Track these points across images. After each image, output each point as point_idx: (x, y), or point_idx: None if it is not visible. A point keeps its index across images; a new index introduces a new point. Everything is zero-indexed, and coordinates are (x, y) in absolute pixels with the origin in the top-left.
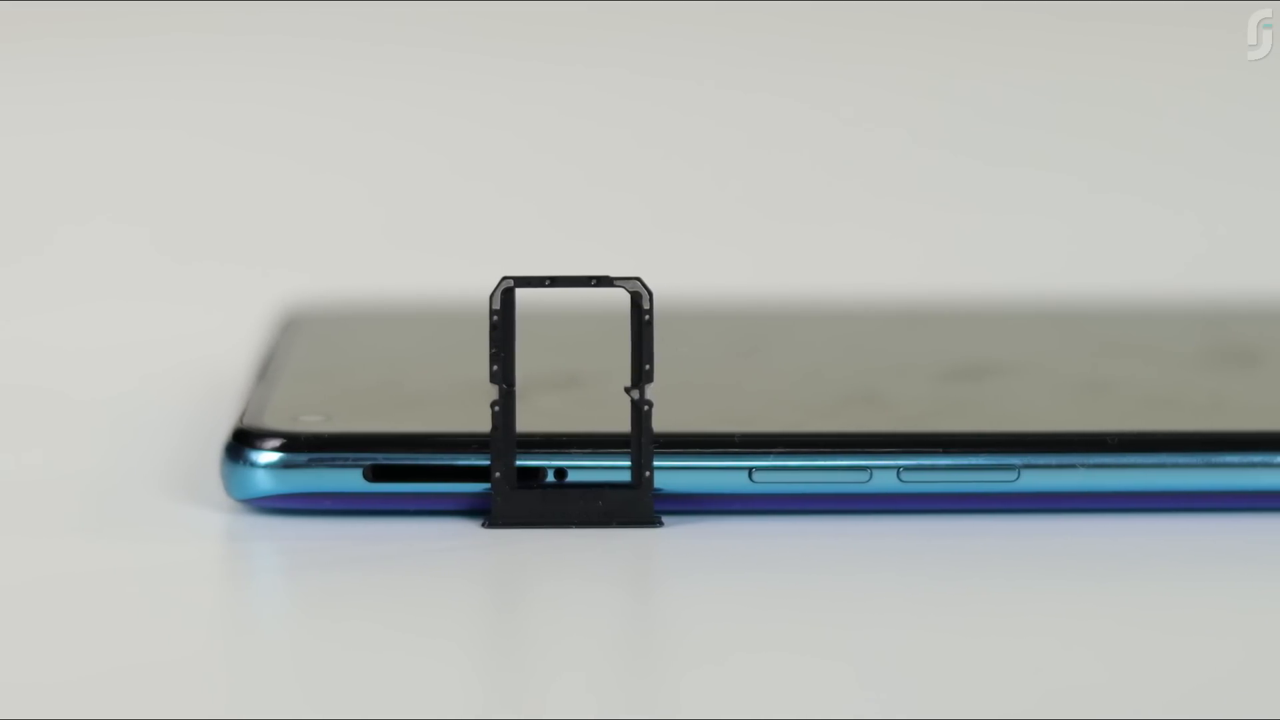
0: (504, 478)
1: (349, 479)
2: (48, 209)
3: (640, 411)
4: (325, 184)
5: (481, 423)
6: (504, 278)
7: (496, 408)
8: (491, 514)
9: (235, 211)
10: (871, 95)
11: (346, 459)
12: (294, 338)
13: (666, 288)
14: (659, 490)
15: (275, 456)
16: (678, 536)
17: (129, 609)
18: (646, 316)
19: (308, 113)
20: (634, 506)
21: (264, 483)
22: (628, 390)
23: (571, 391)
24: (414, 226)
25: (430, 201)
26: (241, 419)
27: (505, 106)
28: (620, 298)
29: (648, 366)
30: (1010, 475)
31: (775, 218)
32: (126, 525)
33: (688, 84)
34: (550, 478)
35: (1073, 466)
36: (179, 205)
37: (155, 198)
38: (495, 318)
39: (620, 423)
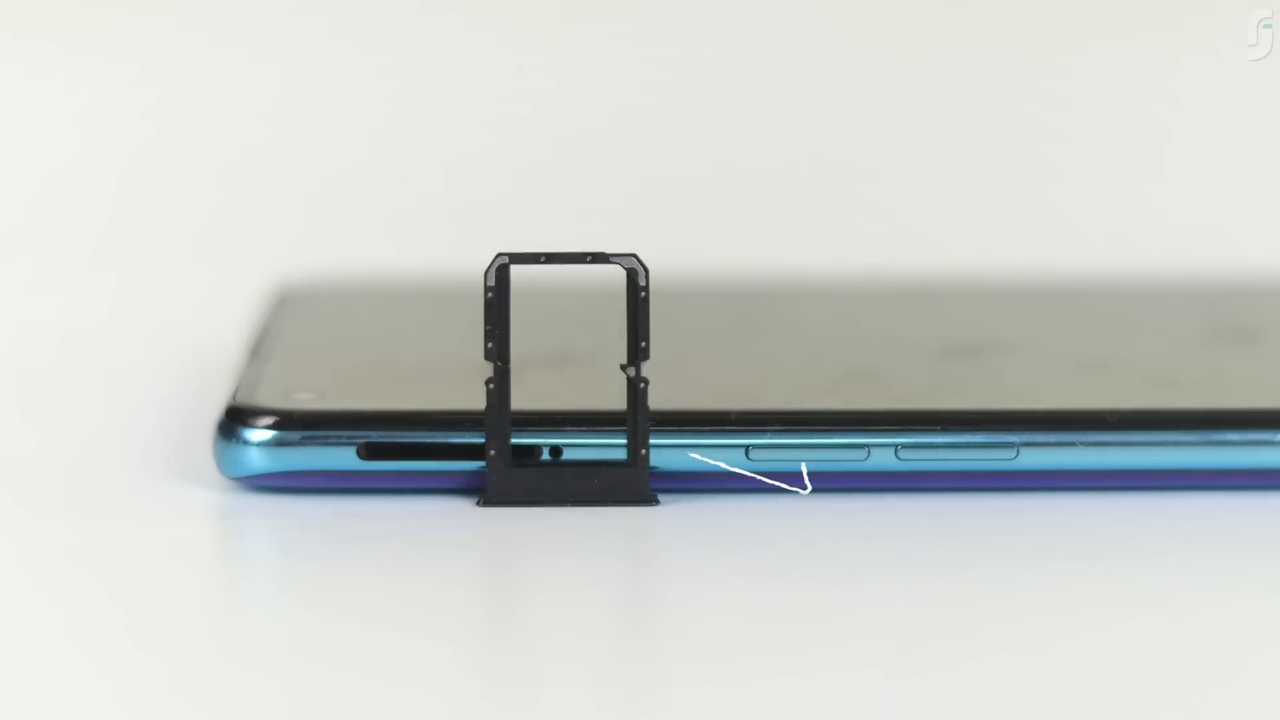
0: (499, 456)
1: (343, 457)
2: (38, 186)
3: (636, 389)
4: (319, 160)
5: (476, 400)
6: (499, 254)
7: (491, 385)
8: (486, 492)
9: (228, 187)
10: (877, 66)
11: (340, 437)
12: (287, 315)
13: (663, 264)
14: (655, 468)
15: (268, 434)
16: (674, 515)
17: (121, 587)
18: (643, 293)
19: (305, 88)
20: (630, 485)
21: (257, 461)
22: (623, 368)
23: (567, 369)
24: (409, 203)
25: (425, 178)
26: (234, 396)
27: (503, 81)
28: (616, 274)
29: (644, 344)
30: (1009, 453)
31: (773, 194)
32: (119, 504)
33: (690, 58)
34: (546, 456)
35: (1072, 444)
36: (171, 181)
37: (147, 173)
38: (490, 294)
39: (616, 400)
